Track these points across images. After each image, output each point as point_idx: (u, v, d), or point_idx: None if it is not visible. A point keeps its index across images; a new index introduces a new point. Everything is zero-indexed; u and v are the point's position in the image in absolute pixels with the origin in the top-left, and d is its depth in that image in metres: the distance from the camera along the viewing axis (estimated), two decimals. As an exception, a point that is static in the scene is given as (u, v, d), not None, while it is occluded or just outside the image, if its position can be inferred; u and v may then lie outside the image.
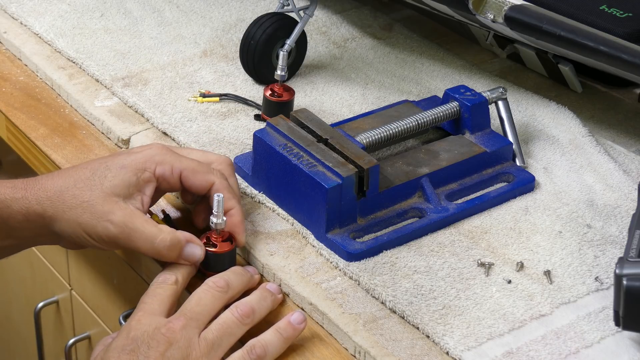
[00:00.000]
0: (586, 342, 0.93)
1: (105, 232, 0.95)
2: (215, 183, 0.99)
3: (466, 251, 1.02)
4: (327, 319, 0.95)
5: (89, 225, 0.96)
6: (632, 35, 1.08)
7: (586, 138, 1.17)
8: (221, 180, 0.99)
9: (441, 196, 1.07)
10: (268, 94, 1.17)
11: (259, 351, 0.91)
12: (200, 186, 0.99)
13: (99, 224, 0.95)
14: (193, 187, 1.00)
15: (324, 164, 1.01)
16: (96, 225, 0.95)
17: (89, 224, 0.96)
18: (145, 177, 0.98)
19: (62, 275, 1.40)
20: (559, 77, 1.28)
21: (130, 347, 0.89)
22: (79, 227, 0.96)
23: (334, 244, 1.01)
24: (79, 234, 0.96)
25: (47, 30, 1.32)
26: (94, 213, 0.95)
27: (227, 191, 0.99)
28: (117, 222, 0.95)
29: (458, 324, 0.94)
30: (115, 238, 0.95)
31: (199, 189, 1.00)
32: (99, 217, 0.95)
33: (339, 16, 1.40)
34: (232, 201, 0.99)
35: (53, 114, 1.22)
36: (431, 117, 1.11)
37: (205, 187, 0.99)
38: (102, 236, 0.96)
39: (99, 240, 0.96)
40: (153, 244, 0.95)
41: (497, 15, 1.11)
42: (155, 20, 1.36)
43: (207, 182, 0.99)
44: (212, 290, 0.94)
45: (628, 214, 1.07)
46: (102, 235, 0.96)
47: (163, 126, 1.17)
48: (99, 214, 0.95)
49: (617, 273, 0.89)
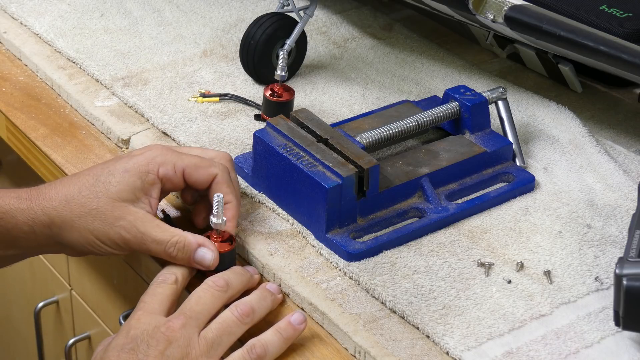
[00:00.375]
0: (586, 342, 0.93)
1: (118, 237, 0.96)
2: (218, 175, 0.99)
3: (466, 251, 1.02)
4: (327, 319, 0.95)
5: (101, 232, 0.96)
6: (632, 35, 1.08)
7: (586, 138, 1.17)
8: (223, 172, 1.00)
9: (441, 196, 1.07)
10: (268, 94, 1.17)
11: (259, 351, 0.91)
12: (203, 180, 1.00)
13: (111, 230, 0.96)
14: (197, 183, 1.00)
15: (324, 164, 1.01)
16: (108, 232, 0.96)
17: (100, 230, 0.96)
18: (149, 180, 0.98)
19: (62, 275, 1.40)
20: (559, 77, 1.28)
21: (130, 346, 0.89)
22: (91, 235, 0.96)
23: (334, 244, 1.01)
24: (91, 241, 0.97)
25: (47, 30, 1.32)
26: (105, 220, 0.96)
27: (226, 185, 0.99)
28: (129, 227, 0.96)
29: (458, 324, 0.94)
30: (129, 242, 0.96)
31: (202, 183, 1.00)
32: (110, 224, 0.96)
33: (339, 16, 1.40)
34: (229, 196, 0.99)
35: (53, 114, 1.22)
36: (431, 117, 1.11)
37: (208, 180, 1.00)
38: (116, 241, 0.96)
39: (112, 245, 0.97)
40: (165, 247, 0.96)
41: (497, 15, 1.11)
42: (155, 20, 1.36)
43: (210, 175, 0.99)
44: (211, 290, 0.94)
45: (628, 214, 1.07)
46: (116, 241, 0.96)
47: (163, 126, 1.17)
48: (109, 220, 0.96)
49: (617, 273, 0.89)
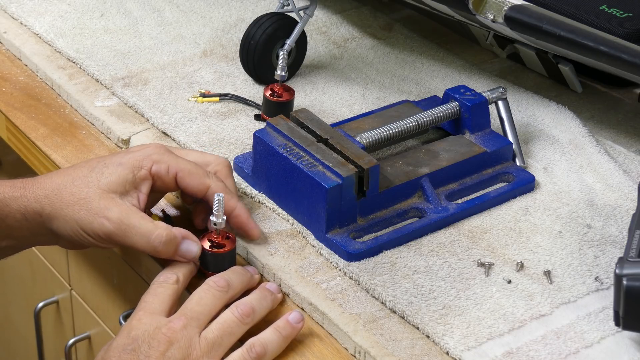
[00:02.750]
0: (586, 342, 0.93)
1: (101, 228, 0.95)
2: (211, 187, 0.99)
3: (466, 251, 1.02)
4: (327, 319, 0.95)
5: (85, 222, 0.96)
6: (632, 35, 1.08)
7: (586, 138, 1.17)
8: (217, 183, 1.00)
9: (441, 196, 1.07)
10: (268, 94, 1.17)
11: (259, 349, 0.91)
12: (195, 188, 0.99)
13: (95, 220, 0.95)
14: (188, 189, 1.00)
15: (324, 164, 1.01)
16: (92, 222, 0.95)
17: (85, 220, 0.96)
18: (141, 175, 0.98)
19: (62, 275, 1.40)
20: (559, 77, 1.28)
21: (131, 347, 0.89)
22: (76, 224, 0.96)
23: (334, 244, 1.01)
24: (76, 231, 0.96)
25: (47, 30, 1.32)
26: (90, 209, 0.95)
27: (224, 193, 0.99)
28: (113, 218, 0.95)
29: (458, 324, 0.94)
30: (112, 234, 0.95)
31: (195, 192, 1.00)
32: (95, 214, 0.95)
33: (339, 16, 1.40)
34: (232, 200, 0.99)
35: (53, 114, 1.22)
36: (431, 117, 1.11)
37: (201, 190, 0.99)
38: (99, 232, 0.96)
39: (95, 237, 0.96)
40: (149, 240, 0.95)
41: (497, 15, 1.11)
42: (155, 20, 1.36)
43: (203, 186, 0.99)
44: (212, 290, 0.94)
45: (628, 214, 1.07)
46: (99, 232, 0.96)
47: (163, 126, 1.17)
48: (94, 210, 0.95)
49: (617, 273, 0.89)
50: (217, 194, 0.96)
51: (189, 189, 1.00)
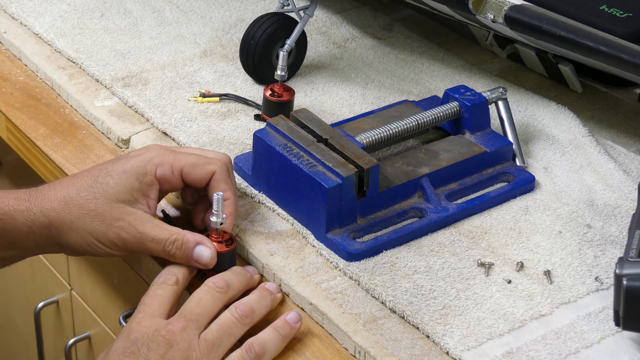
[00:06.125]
0: (586, 342, 0.93)
1: (117, 238, 0.96)
2: (216, 172, 0.99)
3: (466, 251, 1.02)
4: (327, 319, 0.95)
5: (100, 233, 0.96)
6: (632, 35, 1.08)
7: (586, 138, 1.17)
8: (221, 169, 1.00)
9: (441, 196, 1.07)
10: (268, 94, 1.17)
11: (258, 349, 0.91)
12: (201, 178, 1.00)
13: (110, 231, 0.96)
14: (195, 181, 1.00)
15: (324, 164, 1.01)
16: (107, 232, 0.96)
17: (98, 231, 0.96)
18: (147, 181, 0.98)
19: (62, 275, 1.40)
20: (559, 77, 1.28)
21: (130, 350, 0.89)
22: (90, 236, 0.97)
23: (334, 244, 1.01)
24: (90, 242, 0.97)
25: (47, 30, 1.32)
26: (103, 221, 0.96)
27: (224, 182, 0.99)
28: (128, 227, 0.96)
29: (458, 324, 0.94)
30: (127, 243, 0.96)
31: (201, 181, 1.00)
32: (108, 224, 0.96)
33: (339, 16, 1.40)
34: (228, 192, 0.99)
35: (53, 114, 1.22)
36: (431, 117, 1.11)
37: (206, 177, 1.00)
38: (115, 242, 0.96)
39: (111, 246, 0.97)
40: (164, 246, 0.96)
41: (497, 15, 1.11)
42: (155, 20, 1.36)
43: (208, 172, 0.99)
44: (212, 291, 0.94)
45: (628, 214, 1.07)
46: (115, 241, 0.96)
47: (163, 126, 1.17)
48: (108, 220, 0.96)
49: (617, 273, 0.89)
50: (217, 193, 0.96)
51: (196, 181, 1.00)
